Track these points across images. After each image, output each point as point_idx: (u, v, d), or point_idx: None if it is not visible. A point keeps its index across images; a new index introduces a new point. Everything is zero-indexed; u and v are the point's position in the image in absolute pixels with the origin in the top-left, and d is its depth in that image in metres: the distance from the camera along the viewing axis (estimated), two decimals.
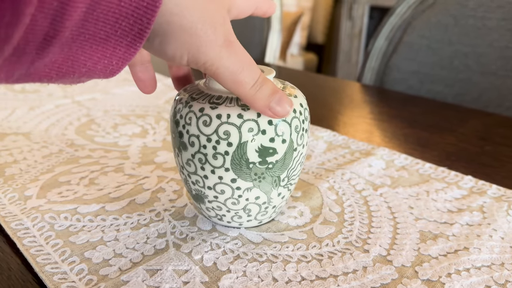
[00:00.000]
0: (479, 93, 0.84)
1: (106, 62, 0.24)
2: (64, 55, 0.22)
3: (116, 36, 0.23)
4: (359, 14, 2.80)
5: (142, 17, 0.23)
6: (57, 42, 0.21)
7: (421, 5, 0.90)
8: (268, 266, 0.32)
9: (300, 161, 0.34)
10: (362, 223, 0.37)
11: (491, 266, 0.32)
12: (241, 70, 0.27)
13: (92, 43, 0.22)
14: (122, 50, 0.24)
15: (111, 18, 0.22)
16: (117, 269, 0.31)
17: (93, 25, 0.22)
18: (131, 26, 0.23)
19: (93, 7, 0.21)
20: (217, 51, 0.26)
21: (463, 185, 0.44)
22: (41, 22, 0.20)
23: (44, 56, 0.21)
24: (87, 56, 0.23)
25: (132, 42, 0.23)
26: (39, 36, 0.20)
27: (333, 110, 0.70)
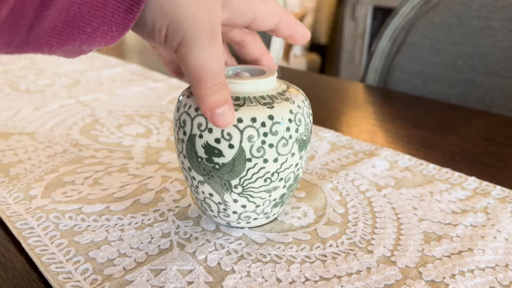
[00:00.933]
0: (483, 94, 0.84)
1: (106, 28, 0.23)
2: (63, 20, 0.22)
3: (113, 1, 0.23)
4: (363, 15, 2.79)
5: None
6: (54, 5, 0.21)
7: (424, 5, 0.90)
8: (272, 267, 0.32)
9: (263, 177, 0.32)
10: (366, 224, 0.37)
11: (495, 268, 0.32)
12: (210, 66, 0.27)
13: (90, 7, 0.22)
14: (121, 15, 0.23)
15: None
16: (122, 269, 0.31)
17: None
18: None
19: None
20: (196, 34, 0.25)
21: (467, 186, 0.44)
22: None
23: (42, 21, 0.21)
24: (86, 22, 0.23)
25: (130, 8, 0.23)
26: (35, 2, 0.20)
27: (336, 111, 0.70)
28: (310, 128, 0.34)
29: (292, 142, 0.32)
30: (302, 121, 0.32)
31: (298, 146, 0.32)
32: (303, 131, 0.32)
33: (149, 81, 0.81)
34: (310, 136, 0.34)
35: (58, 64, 0.92)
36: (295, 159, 0.33)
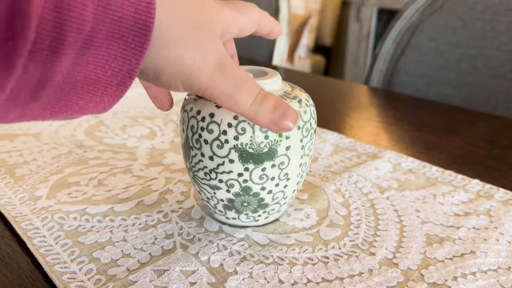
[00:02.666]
0: (487, 96, 0.84)
1: (98, 100, 0.24)
2: (57, 96, 0.23)
3: (106, 77, 0.23)
4: (367, 17, 2.79)
5: (131, 58, 0.23)
6: (49, 86, 0.22)
7: (429, 8, 0.90)
8: (274, 268, 0.32)
9: (203, 170, 0.33)
10: (368, 226, 0.37)
11: (497, 270, 0.32)
12: (237, 90, 0.27)
13: (83, 84, 0.23)
14: (113, 89, 0.24)
15: (101, 60, 0.23)
16: (125, 269, 0.31)
17: (84, 67, 0.22)
18: (120, 67, 0.23)
19: (83, 52, 0.22)
20: (209, 76, 0.26)
21: (470, 188, 0.44)
22: (33, 70, 0.20)
23: (37, 99, 0.22)
24: (79, 96, 0.24)
25: (122, 81, 0.24)
26: (32, 83, 0.21)
27: (340, 113, 0.71)
28: (271, 144, 0.31)
29: (229, 147, 0.31)
30: (248, 131, 0.31)
31: (239, 155, 0.31)
32: (248, 142, 0.31)
33: None
34: (271, 153, 0.32)
35: None
36: (237, 168, 0.32)
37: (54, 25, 0.20)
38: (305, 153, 0.34)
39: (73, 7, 0.20)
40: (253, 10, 0.32)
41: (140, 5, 0.23)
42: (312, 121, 0.34)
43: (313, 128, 0.34)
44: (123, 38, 0.23)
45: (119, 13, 0.22)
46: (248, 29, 0.32)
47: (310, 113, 0.33)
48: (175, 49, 0.25)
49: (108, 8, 0.22)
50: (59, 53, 0.21)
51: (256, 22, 0.33)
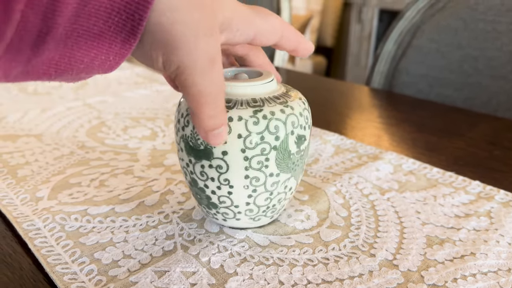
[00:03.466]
0: (488, 97, 0.84)
1: (103, 58, 0.24)
2: (61, 52, 0.22)
3: (110, 32, 0.23)
4: (369, 17, 2.79)
5: (134, 13, 0.23)
6: (51, 39, 0.21)
7: (430, 9, 0.90)
8: (275, 270, 0.32)
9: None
10: (368, 228, 0.37)
11: (497, 272, 0.32)
12: (209, 93, 0.26)
13: (87, 39, 0.22)
14: (118, 45, 0.24)
15: (103, 13, 0.22)
16: (126, 270, 0.31)
17: (86, 20, 0.22)
18: (124, 22, 0.23)
19: (85, 2, 0.21)
20: (193, 61, 0.25)
21: (471, 190, 0.44)
22: (33, 19, 0.20)
23: (40, 54, 0.21)
24: (83, 53, 0.23)
25: (126, 38, 0.24)
26: (32, 33, 0.20)
27: (341, 114, 0.71)
28: (206, 144, 0.31)
29: (180, 135, 0.33)
30: (191, 125, 0.32)
31: (184, 145, 0.33)
32: (189, 135, 0.32)
33: (155, 84, 0.82)
34: (207, 153, 0.32)
35: None
36: (185, 157, 0.33)
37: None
38: (252, 166, 0.31)
39: None
40: (275, 17, 0.31)
41: None
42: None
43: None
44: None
45: None
46: (267, 36, 0.31)
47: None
48: (171, 18, 0.24)
49: None
50: (59, 1, 0.20)
51: (279, 30, 0.31)
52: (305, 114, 0.33)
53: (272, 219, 0.37)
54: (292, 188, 0.35)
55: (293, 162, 0.33)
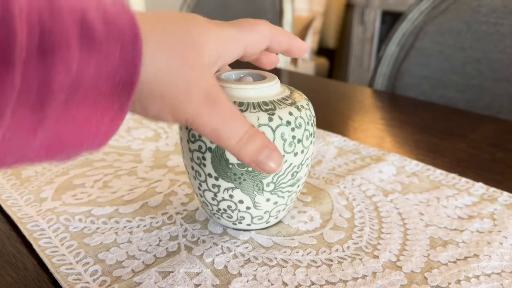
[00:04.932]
0: (491, 99, 0.83)
1: (91, 141, 0.24)
2: (51, 139, 0.23)
3: (97, 116, 0.24)
4: (371, 19, 2.79)
5: (120, 95, 0.24)
6: (41, 131, 0.22)
7: (433, 11, 0.90)
8: (278, 271, 0.32)
9: (292, 171, 0.33)
10: (372, 229, 0.37)
11: (501, 273, 0.32)
12: (223, 127, 0.27)
13: (78, 119, 0.23)
14: (105, 127, 0.24)
15: (90, 100, 0.23)
16: (130, 271, 0.32)
17: (76, 108, 0.22)
18: (110, 105, 0.24)
19: (72, 95, 0.22)
20: (196, 109, 0.26)
21: (474, 192, 0.44)
22: (23, 117, 0.21)
23: (32, 145, 0.22)
24: (74, 133, 0.24)
25: (113, 118, 0.24)
26: (24, 128, 0.21)
27: (344, 116, 0.71)
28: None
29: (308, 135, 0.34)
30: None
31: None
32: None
33: None
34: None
35: None
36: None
37: (40, 70, 0.20)
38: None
39: (58, 49, 0.20)
40: (262, 24, 0.31)
41: (126, 42, 0.23)
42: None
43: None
44: (110, 77, 0.23)
45: (104, 52, 0.22)
46: (257, 45, 0.31)
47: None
48: (158, 86, 0.25)
49: (92, 49, 0.22)
50: (48, 97, 0.21)
51: (267, 37, 0.31)
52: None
53: (232, 225, 0.37)
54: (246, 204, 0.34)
55: None
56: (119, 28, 0.23)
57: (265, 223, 0.36)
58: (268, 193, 0.33)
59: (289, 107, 0.32)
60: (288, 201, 0.36)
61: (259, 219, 0.35)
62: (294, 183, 0.34)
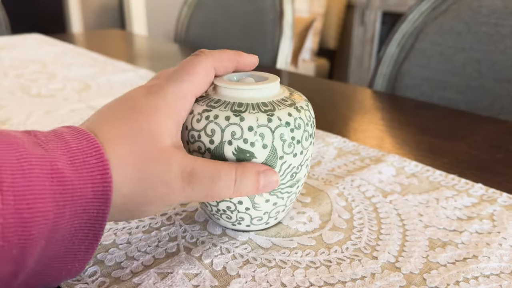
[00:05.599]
0: (492, 100, 0.83)
1: (70, 267, 0.26)
2: (31, 276, 0.24)
3: (74, 247, 0.25)
4: (371, 20, 2.79)
5: (94, 224, 0.26)
6: (22, 274, 0.23)
7: (433, 12, 0.90)
8: (277, 272, 0.32)
9: (292, 172, 0.33)
10: (371, 230, 0.37)
11: (500, 275, 0.32)
12: (213, 187, 0.28)
13: (55, 261, 0.25)
14: (81, 254, 0.26)
15: (67, 236, 0.25)
16: (129, 272, 0.32)
17: (53, 249, 0.24)
18: (85, 235, 0.26)
19: (52, 235, 0.23)
20: (181, 194, 0.28)
21: (473, 193, 0.44)
22: (2, 267, 0.22)
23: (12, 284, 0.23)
24: (50, 272, 0.25)
25: (89, 246, 0.26)
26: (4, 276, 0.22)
27: (344, 116, 0.71)
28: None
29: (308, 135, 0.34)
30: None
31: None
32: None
33: None
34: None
35: (69, 69, 0.93)
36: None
37: (20, 224, 0.22)
38: None
39: (33, 204, 0.22)
40: (199, 63, 0.32)
41: (96, 179, 0.25)
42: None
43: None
44: (86, 212, 0.24)
45: (78, 193, 0.24)
46: (204, 85, 0.32)
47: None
48: (134, 201, 0.27)
49: (66, 190, 0.23)
50: (27, 247, 0.22)
51: (210, 72, 0.32)
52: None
53: (231, 226, 0.36)
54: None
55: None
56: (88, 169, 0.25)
57: (264, 224, 0.36)
58: (267, 194, 0.33)
59: (288, 108, 0.32)
60: (288, 202, 0.36)
61: (259, 220, 0.35)
62: (294, 184, 0.34)
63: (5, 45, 1.18)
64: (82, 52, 1.10)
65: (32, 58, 1.03)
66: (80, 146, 0.25)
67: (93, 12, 3.45)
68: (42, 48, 1.16)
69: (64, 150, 0.25)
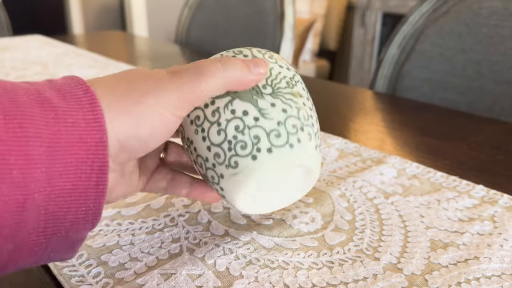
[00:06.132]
0: (492, 102, 0.84)
1: (84, 209, 0.24)
2: (44, 218, 0.23)
3: (82, 182, 0.24)
4: (372, 21, 2.80)
5: (97, 154, 0.24)
6: (30, 205, 0.22)
7: (434, 13, 0.91)
8: (280, 273, 0.32)
9: (285, 79, 0.33)
10: (373, 231, 0.38)
11: (501, 276, 0.32)
12: (199, 69, 0.28)
13: (64, 197, 0.23)
14: (93, 192, 0.25)
15: (71, 168, 0.23)
16: (133, 273, 0.32)
17: (57, 181, 0.23)
18: (91, 169, 0.24)
19: (52, 164, 0.22)
20: (168, 83, 0.27)
21: (475, 194, 0.44)
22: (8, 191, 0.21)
23: (23, 225, 0.22)
24: (65, 211, 0.24)
25: (98, 181, 0.25)
26: (11, 206, 0.21)
27: (344, 118, 0.71)
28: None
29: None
30: None
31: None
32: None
33: None
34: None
35: (70, 70, 0.94)
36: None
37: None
38: None
39: (24, 123, 0.21)
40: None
41: (85, 107, 0.24)
42: None
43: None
44: (82, 141, 0.23)
45: (70, 119, 0.23)
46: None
47: None
48: (129, 126, 0.26)
49: (58, 116, 0.23)
50: (26, 169, 0.21)
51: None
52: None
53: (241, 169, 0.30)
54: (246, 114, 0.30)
55: None
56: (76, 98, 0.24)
57: (288, 147, 0.30)
58: (269, 96, 0.30)
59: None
60: (300, 116, 0.31)
61: (277, 137, 0.30)
62: (294, 94, 0.32)
63: (6, 46, 1.19)
64: (83, 53, 1.10)
65: (34, 60, 1.03)
66: (66, 81, 0.25)
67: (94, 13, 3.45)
68: (43, 49, 1.16)
69: (49, 85, 0.24)
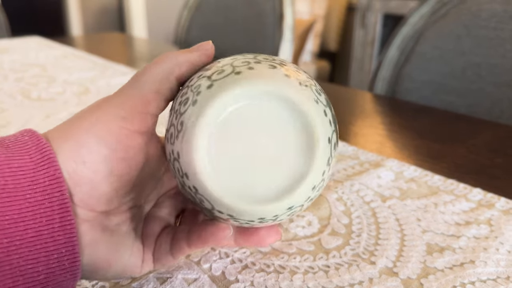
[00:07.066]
0: (491, 104, 0.84)
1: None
2: None
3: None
4: (372, 22, 2.80)
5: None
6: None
7: (433, 15, 0.91)
8: (275, 277, 0.32)
9: None
10: (369, 235, 0.38)
11: (496, 280, 0.32)
12: None
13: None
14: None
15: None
16: (129, 277, 0.32)
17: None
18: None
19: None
20: None
21: (472, 197, 0.44)
22: None
23: None
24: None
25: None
26: None
27: (343, 120, 0.71)
28: None
29: None
30: None
31: None
32: None
33: None
34: None
35: (69, 72, 0.94)
36: None
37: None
38: None
39: None
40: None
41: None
42: None
43: None
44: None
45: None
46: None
47: None
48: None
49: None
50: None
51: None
52: None
53: None
54: None
55: None
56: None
57: None
58: None
59: None
60: None
61: None
62: None
63: (5, 48, 1.19)
64: (82, 55, 1.11)
65: (32, 62, 1.03)
66: (13, 134, 0.25)
67: (93, 15, 3.45)
68: (42, 51, 1.16)
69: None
